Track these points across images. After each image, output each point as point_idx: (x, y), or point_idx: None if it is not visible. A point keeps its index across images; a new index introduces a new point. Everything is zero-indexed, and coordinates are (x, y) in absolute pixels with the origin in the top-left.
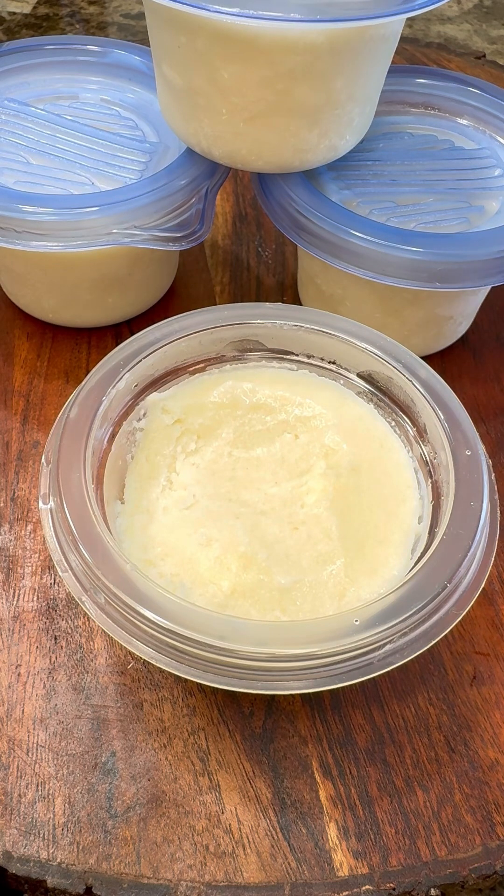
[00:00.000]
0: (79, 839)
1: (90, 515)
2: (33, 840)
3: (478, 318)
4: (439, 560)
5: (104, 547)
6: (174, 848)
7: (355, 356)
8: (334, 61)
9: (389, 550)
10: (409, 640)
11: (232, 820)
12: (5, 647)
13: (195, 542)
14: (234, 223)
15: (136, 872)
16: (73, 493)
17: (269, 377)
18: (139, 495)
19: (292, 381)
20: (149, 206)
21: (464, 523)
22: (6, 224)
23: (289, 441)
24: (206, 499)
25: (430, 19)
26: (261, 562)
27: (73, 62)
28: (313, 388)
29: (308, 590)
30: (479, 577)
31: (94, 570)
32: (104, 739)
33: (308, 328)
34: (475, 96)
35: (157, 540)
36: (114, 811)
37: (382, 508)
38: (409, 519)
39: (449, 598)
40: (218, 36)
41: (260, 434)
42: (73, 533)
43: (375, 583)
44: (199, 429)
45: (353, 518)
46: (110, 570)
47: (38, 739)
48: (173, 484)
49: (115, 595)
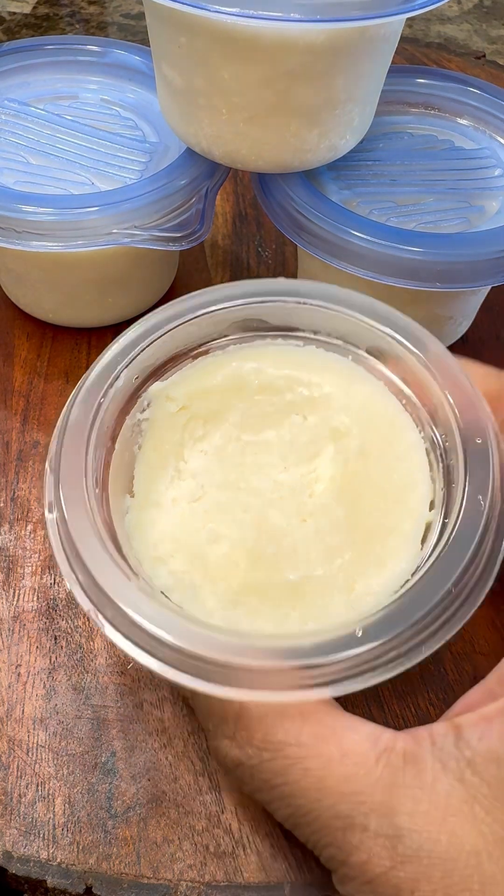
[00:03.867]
0: (79, 839)
1: (94, 532)
2: (33, 840)
3: (478, 318)
4: (444, 563)
5: (111, 569)
6: (174, 848)
7: (362, 332)
8: (334, 61)
9: (399, 540)
10: (412, 645)
11: (232, 820)
12: (5, 647)
13: (203, 538)
14: (234, 223)
15: (136, 872)
16: (76, 506)
17: (274, 356)
18: (148, 487)
19: (299, 359)
20: (149, 206)
21: (470, 522)
22: (6, 224)
23: (298, 423)
24: (214, 489)
25: (430, 19)
26: (269, 557)
27: (73, 62)
28: (321, 365)
29: (318, 584)
30: (484, 577)
31: (102, 588)
32: (104, 739)
33: (312, 304)
34: (475, 96)
35: (167, 536)
36: (114, 811)
37: (392, 496)
38: (419, 507)
39: (454, 601)
40: (218, 36)
41: (268, 416)
42: (77, 551)
43: (385, 575)
44: (206, 414)
45: (362, 507)
46: (117, 591)
47: (38, 739)
48: (182, 473)
49: (125, 614)
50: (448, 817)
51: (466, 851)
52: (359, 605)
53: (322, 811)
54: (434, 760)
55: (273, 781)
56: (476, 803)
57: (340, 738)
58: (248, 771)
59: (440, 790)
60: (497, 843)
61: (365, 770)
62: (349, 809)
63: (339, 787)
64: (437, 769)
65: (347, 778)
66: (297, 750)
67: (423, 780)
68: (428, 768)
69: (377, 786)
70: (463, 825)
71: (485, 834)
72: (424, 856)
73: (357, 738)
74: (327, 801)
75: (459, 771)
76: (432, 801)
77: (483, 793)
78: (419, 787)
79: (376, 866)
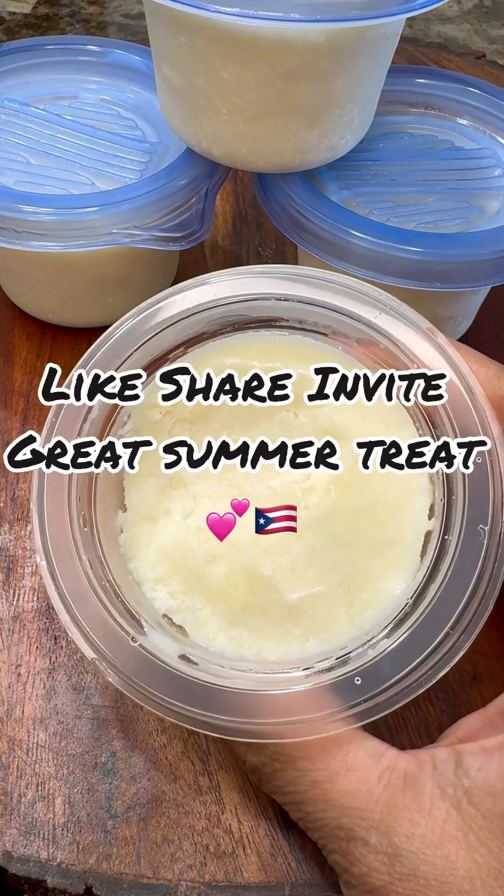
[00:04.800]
0: (79, 839)
1: (86, 586)
2: (33, 840)
3: (478, 318)
4: (442, 601)
5: (107, 629)
6: (174, 848)
7: (351, 326)
8: (334, 61)
9: (398, 552)
10: (412, 682)
11: (232, 820)
12: (5, 647)
13: (200, 557)
14: (234, 223)
15: (136, 872)
16: (64, 559)
17: (259, 348)
18: (139, 499)
19: (285, 351)
20: (149, 206)
21: (469, 555)
22: (6, 224)
23: (288, 420)
24: (207, 500)
25: (430, 19)
26: (268, 577)
27: (73, 62)
28: (309, 357)
29: (318, 601)
30: (484, 606)
31: (98, 644)
32: (104, 739)
33: (297, 299)
34: (475, 96)
35: (163, 556)
36: (114, 811)
37: (390, 505)
38: (418, 516)
39: (453, 635)
40: (218, 36)
41: (257, 413)
42: (70, 607)
43: (385, 588)
44: (191, 416)
45: (360, 520)
46: (115, 648)
47: (38, 739)
48: (172, 481)
49: (121, 671)
50: (444, 842)
51: (461, 876)
52: (360, 621)
53: (328, 821)
54: (433, 785)
55: (285, 789)
56: (471, 832)
57: (346, 753)
58: (263, 777)
59: (437, 816)
60: (490, 873)
61: (367, 787)
62: (351, 823)
63: (343, 800)
64: (435, 794)
65: (351, 793)
66: (305, 763)
67: (421, 804)
68: (427, 792)
69: (378, 804)
70: (458, 851)
71: (479, 862)
72: (421, 876)
73: (361, 755)
74: (332, 812)
75: (457, 799)
76: (429, 826)
77: (478, 823)
78: (417, 811)
79: (376, 879)
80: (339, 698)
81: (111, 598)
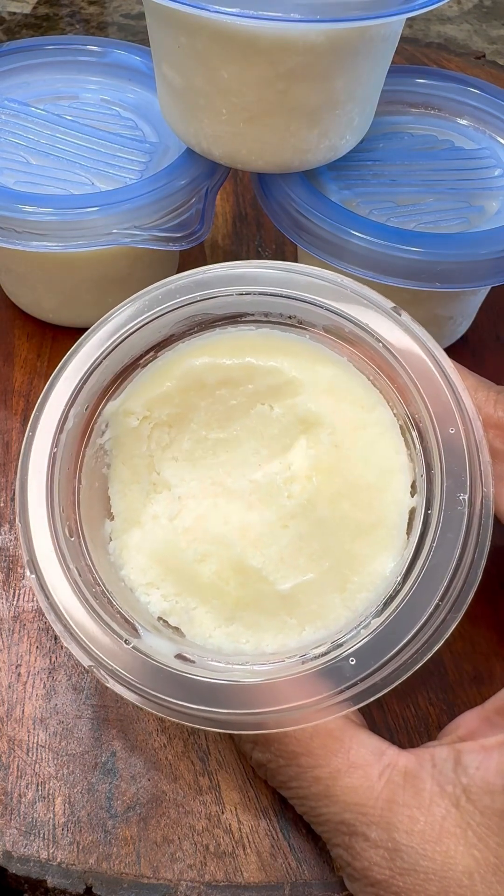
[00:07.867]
0: (79, 839)
1: (78, 596)
2: (33, 840)
3: (478, 318)
4: (429, 574)
5: (101, 636)
6: (174, 848)
7: (316, 314)
8: (334, 61)
9: (384, 532)
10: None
11: (232, 820)
12: (5, 647)
13: (190, 557)
14: (234, 223)
15: (136, 872)
16: (54, 571)
17: (229, 345)
18: (125, 506)
19: (254, 345)
20: (149, 206)
21: (452, 525)
22: (6, 224)
23: (264, 413)
24: (191, 499)
25: (430, 19)
26: (258, 571)
27: (73, 62)
28: (278, 349)
29: (310, 588)
30: (472, 575)
31: (94, 652)
32: (104, 739)
33: (259, 293)
34: (475, 96)
35: (153, 559)
36: (114, 811)
37: (372, 485)
38: (400, 494)
39: (443, 607)
40: (218, 36)
41: (233, 409)
42: (63, 617)
43: (375, 570)
44: (169, 419)
45: (343, 504)
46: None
47: (38, 739)
48: (157, 486)
49: (118, 674)
50: (443, 838)
51: (459, 871)
52: (354, 604)
53: (330, 816)
54: (433, 783)
55: (289, 784)
56: (469, 829)
57: (348, 751)
58: (269, 772)
59: (436, 812)
60: (489, 868)
61: (368, 784)
62: (353, 819)
63: (345, 797)
64: (434, 791)
65: (353, 789)
66: (308, 759)
67: (420, 801)
68: (427, 789)
69: (378, 800)
70: (457, 847)
71: (477, 858)
72: (421, 871)
73: (363, 752)
74: (334, 808)
75: (455, 797)
76: (429, 822)
77: (476, 820)
78: (417, 807)
79: (377, 874)
80: (334, 681)
81: (104, 606)
